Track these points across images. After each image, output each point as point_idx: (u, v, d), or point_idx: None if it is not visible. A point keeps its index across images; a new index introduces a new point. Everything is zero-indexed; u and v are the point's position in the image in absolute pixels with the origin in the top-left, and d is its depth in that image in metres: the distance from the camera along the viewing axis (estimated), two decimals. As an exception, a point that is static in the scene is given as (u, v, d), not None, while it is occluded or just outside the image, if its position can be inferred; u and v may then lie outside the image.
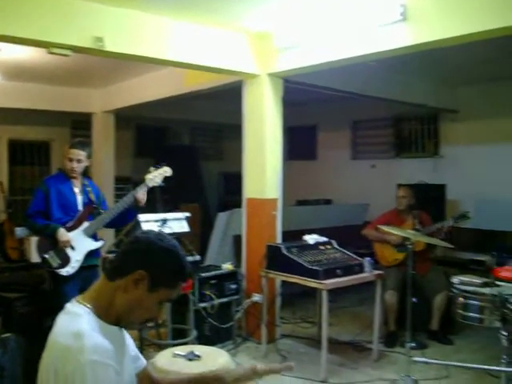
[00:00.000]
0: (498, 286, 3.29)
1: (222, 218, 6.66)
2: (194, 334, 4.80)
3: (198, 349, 3.16)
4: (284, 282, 5.36)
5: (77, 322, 1.64)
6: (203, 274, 5.21)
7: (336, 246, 5.27)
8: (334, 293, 6.71)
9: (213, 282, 5.26)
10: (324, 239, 5.27)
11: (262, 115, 5.60)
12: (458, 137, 8.59)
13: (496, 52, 5.92)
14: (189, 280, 1.75)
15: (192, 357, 2.98)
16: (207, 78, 6.08)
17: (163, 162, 4.55)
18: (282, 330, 5.82)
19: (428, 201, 6.35)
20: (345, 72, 5.91)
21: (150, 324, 4.79)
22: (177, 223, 4.88)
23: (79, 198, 4.38)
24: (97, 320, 1.68)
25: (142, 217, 4.64)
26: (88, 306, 1.70)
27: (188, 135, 11.93)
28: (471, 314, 3.27)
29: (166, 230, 4.58)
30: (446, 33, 4.01)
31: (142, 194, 4.35)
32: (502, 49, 5.81)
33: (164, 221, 4.71)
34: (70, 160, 4.31)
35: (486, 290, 3.20)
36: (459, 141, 8.56)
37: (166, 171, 4.48)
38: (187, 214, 5.07)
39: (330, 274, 4.62)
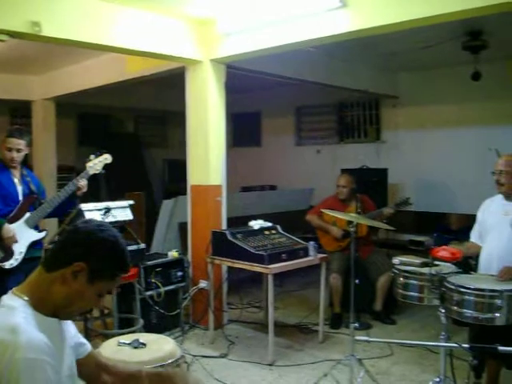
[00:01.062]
0: (437, 265, 3.38)
1: (166, 205, 6.62)
2: (140, 322, 4.77)
3: (144, 337, 3.14)
4: (230, 268, 5.37)
5: (12, 315, 1.58)
6: (149, 262, 5.17)
7: (281, 230, 5.31)
8: (280, 277, 6.85)
9: (159, 269, 5.23)
10: (269, 224, 5.31)
11: (205, 101, 5.58)
12: (398, 122, 8.80)
13: (435, 39, 6.07)
14: (130, 270, 1.71)
15: (137, 345, 2.96)
16: (149, 63, 5.99)
17: (107, 150, 4.48)
18: (229, 316, 5.86)
19: (370, 185, 6.48)
20: (288, 58, 5.95)
21: (89, 315, 4.73)
22: (120, 211, 4.82)
23: (19, 189, 4.24)
24: (33, 312, 1.63)
25: (84, 206, 4.56)
26: (24, 297, 1.63)
27: (132, 123, 11.75)
28: (411, 293, 3.35)
29: (110, 219, 4.53)
30: (384, 19, 4.09)
31: (83, 182, 4.27)
32: (440, 36, 5.96)
33: (107, 209, 4.64)
34: (9, 150, 4.16)
35: (425, 270, 3.28)
36: (399, 126, 8.77)
37: (107, 158, 4.42)
38: (131, 202, 5.01)
39: (275, 258, 4.67)
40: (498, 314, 2.95)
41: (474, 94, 7.58)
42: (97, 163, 4.35)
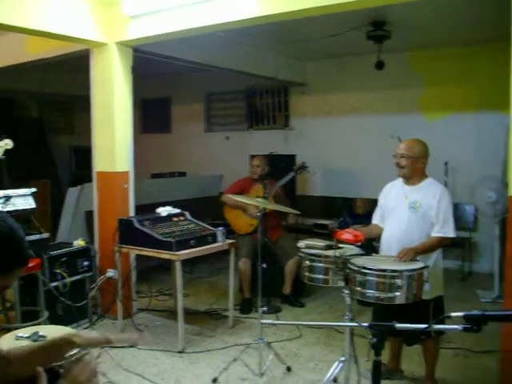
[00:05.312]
0: (341, 247, 3.48)
1: (72, 193, 6.40)
2: (45, 315, 4.60)
3: (44, 329, 3.04)
4: (139, 256, 5.29)
5: None
6: (53, 253, 4.97)
7: (189, 217, 5.28)
8: (190, 264, 6.83)
9: (64, 259, 5.04)
10: (177, 211, 5.26)
11: (111, 86, 5.42)
12: (306, 109, 8.96)
13: (341, 28, 6.20)
14: (29, 263, 1.62)
15: (36, 338, 2.85)
16: (51, 45, 5.71)
17: (8, 135, 4.29)
18: (138, 305, 5.78)
19: (279, 171, 6.55)
20: (197, 43, 5.90)
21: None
22: (22, 200, 4.60)
23: None
24: None
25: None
26: None
27: (36, 108, 11.26)
28: (317, 275, 3.42)
29: (9, 208, 4.32)
30: (291, 6, 4.13)
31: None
32: (346, 25, 6.10)
33: (7, 198, 4.42)
34: None
35: (330, 253, 3.36)
36: (308, 113, 8.93)
37: (7, 143, 4.24)
38: (33, 190, 4.79)
39: (183, 245, 4.63)
40: (398, 293, 3.08)
41: (378, 82, 7.84)
42: (-4, 149, 4.15)
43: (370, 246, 4.76)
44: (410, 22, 6.13)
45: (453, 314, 1.82)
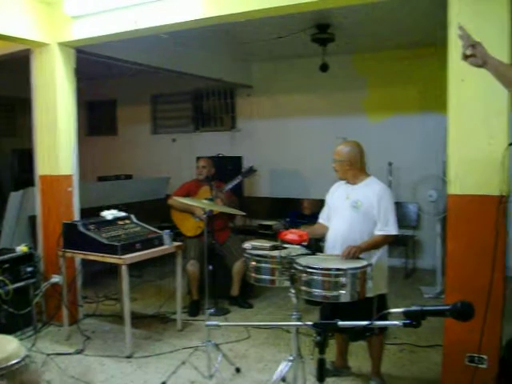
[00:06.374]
0: (286, 248, 3.52)
1: (15, 197, 6.23)
2: (-15, 323, 4.48)
3: (-17, 338, 2.94)
4: (85, 261, 5.19)
5: None
6: (-6, 259, 4.85)
7: (135, 220, 5.22)
8: (138, 268, 6.76)
9: (6, 266, 4.90)
10: (122, 214, 5.19)
11: (54, 87, 5.30)
12: (252, 111, 9.00)
13: (286, 30, 6.27)
14: None
15: (-22, 347, 2.76)
16: (-11, 45, 5.57)
17: None
18: (85, 310, 5.67)
19: (226, 172, 6.58)
20: (142, 45, 5.85)
21: None
22: (-40, 205, 4.47)
23: None
24: None
25: None
26: None
27: (-25, 110, 10.93)
28: (263, 276, 3.43)
29: None
30: (232, 8, 4.14)
31: None
32: (291, 27, 6.17)
33: None
34: None
35: (275, 253, 3.39)
36: (254, 115, 8.97)
37: None
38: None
39: (128, 248, 4.57)
40: (343, 292, 3.12)
41: (323, 84, 7.96)
42: None
43: (318, 246, 4.84)
44: (354, 25, 6.24)
45: (392, 310, 1.87)
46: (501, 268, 3.38)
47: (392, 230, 3.68)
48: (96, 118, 10.83)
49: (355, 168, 3.84)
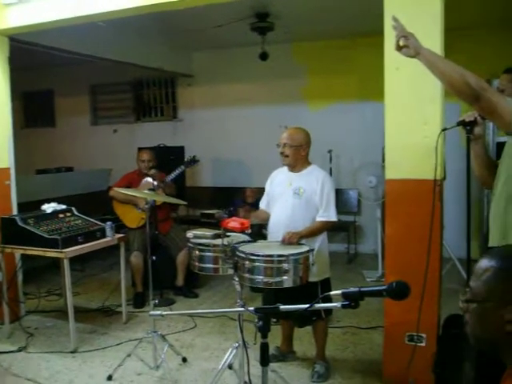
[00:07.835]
0: (228, 236, 3.54)
1: None
2: None
3: None
4: (26, 256, 5.07)
5: None
6: None
7: (76, 213, 5.13)
8: (81, 261, 6.66)
9: None
10: (63, 207, 5.10)
11: (-14, 78, 5.15)
12: (194, 100, 8.97)
13: (225, 19, 6.26)
14: None
15: None
16: None
17: None
18: (26, 307, 5.54)
19: (168, 162, 6.54)
20: (79, 33, 5.71)
21: None
22: None
23: None
24: None
25: None
26: None
27: None
28: (207, 265, 3.45)
29: None
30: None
31: None
32: (230, 16, 6.16)
33: None
34: None
35: (218, 241, 3.42)
36: (195, 105, 8.94)
37: None
38: None
39: (70, 241, 4.50)
40: (285, 277, 3.18)
41: (264, 73, 8.00)
42: None
43: (261, 233, 4.89)
44: (293, 14, 6.29)
45: (332, 293, 1.92)
46: (437, 249, 3.51)
47: (332, 216, 3.76)
48: (33, 109, 10.54)
49: (305, 155, 3.88)
